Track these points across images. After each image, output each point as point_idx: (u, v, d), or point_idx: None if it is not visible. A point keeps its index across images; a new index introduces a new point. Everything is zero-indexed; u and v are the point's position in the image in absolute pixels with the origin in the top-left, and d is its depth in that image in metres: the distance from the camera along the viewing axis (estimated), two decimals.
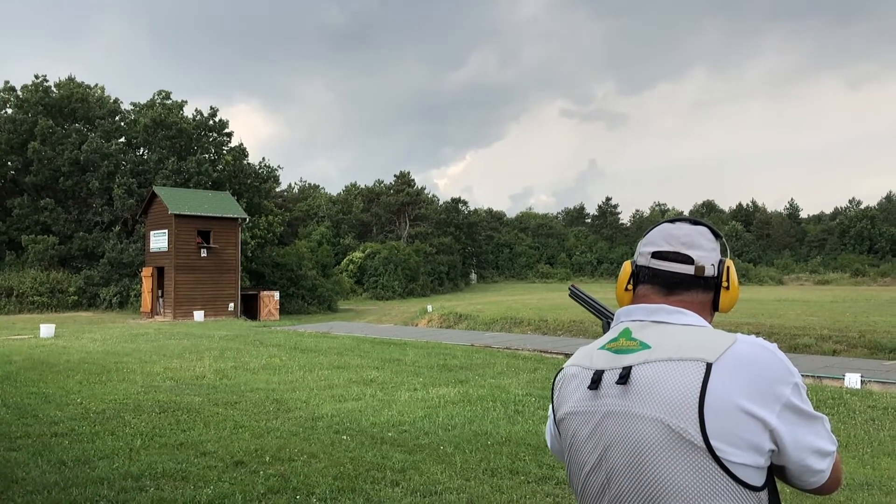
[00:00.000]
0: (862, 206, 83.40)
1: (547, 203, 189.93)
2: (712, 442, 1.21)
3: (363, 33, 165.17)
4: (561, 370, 1.50)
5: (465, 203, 76.77)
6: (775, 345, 1.31)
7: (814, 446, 1.29)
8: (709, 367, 1.25)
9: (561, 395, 1.46)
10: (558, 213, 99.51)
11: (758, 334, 1.34)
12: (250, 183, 44.71)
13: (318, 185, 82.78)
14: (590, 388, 1.37)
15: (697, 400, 1.23)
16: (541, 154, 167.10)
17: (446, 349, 17.20)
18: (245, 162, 45.46)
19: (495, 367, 13.90)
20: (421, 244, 64.20)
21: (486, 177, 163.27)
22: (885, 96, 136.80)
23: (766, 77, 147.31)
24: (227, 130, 46.02)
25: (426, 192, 73.55)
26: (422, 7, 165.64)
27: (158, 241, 33.75)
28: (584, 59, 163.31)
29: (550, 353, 17.13)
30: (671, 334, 1.35)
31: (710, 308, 1.46)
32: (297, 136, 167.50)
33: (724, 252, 1.51)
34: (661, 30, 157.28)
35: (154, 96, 45.27)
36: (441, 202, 76.22)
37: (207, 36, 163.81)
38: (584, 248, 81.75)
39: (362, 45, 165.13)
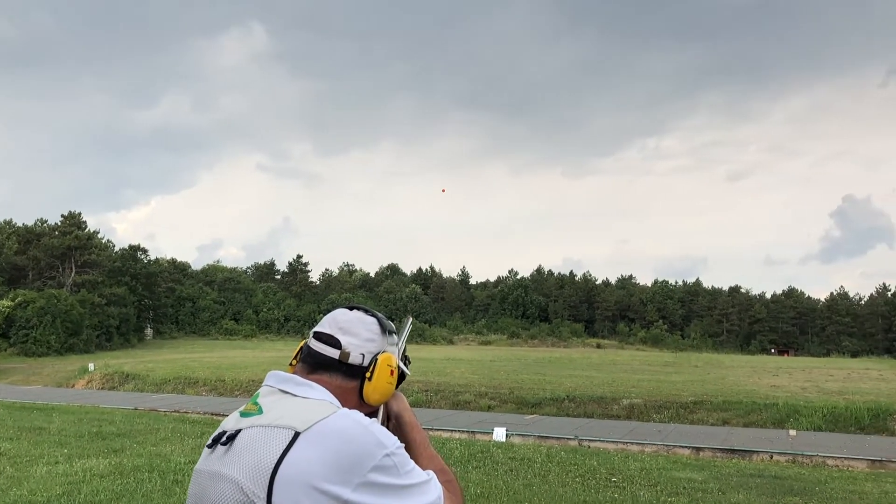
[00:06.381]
0: (518, 276, 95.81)
1: (237, 257, 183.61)
2: None
3: (36, 52, 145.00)
4: None
5: (145, 251, 70.99)
6: (373, 420, 1.35)
7: None
8: (296, 435, 1.27)
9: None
10: (248, 267, 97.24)
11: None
12: None
13: None
14: (208, 447, 1.38)
15: (272, 467, 1.24)
16: (234, 206, 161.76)
17: (104, 414, 15.49)
18: None
19: (159, 433, 12.85)
20: (88, 294, 57.56)
21: (173, 225, 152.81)
22: (538, 185, 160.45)
23: (446, 156, 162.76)
24: None
25: (100, 236, 66.72)
26: (107, 34, 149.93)
27: None
28: (282, 116, 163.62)
29: (223, 415, 16.33)
30: (286, 403, 1.36)
31: (357, 396, 1.46)
32: None
33: (394, 347, 1.52)
34: (357, 100, 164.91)
35: None
36: (117, 248, 69.70)
37: None
38: (272, 304, 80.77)
39: (34, 65, 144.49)
